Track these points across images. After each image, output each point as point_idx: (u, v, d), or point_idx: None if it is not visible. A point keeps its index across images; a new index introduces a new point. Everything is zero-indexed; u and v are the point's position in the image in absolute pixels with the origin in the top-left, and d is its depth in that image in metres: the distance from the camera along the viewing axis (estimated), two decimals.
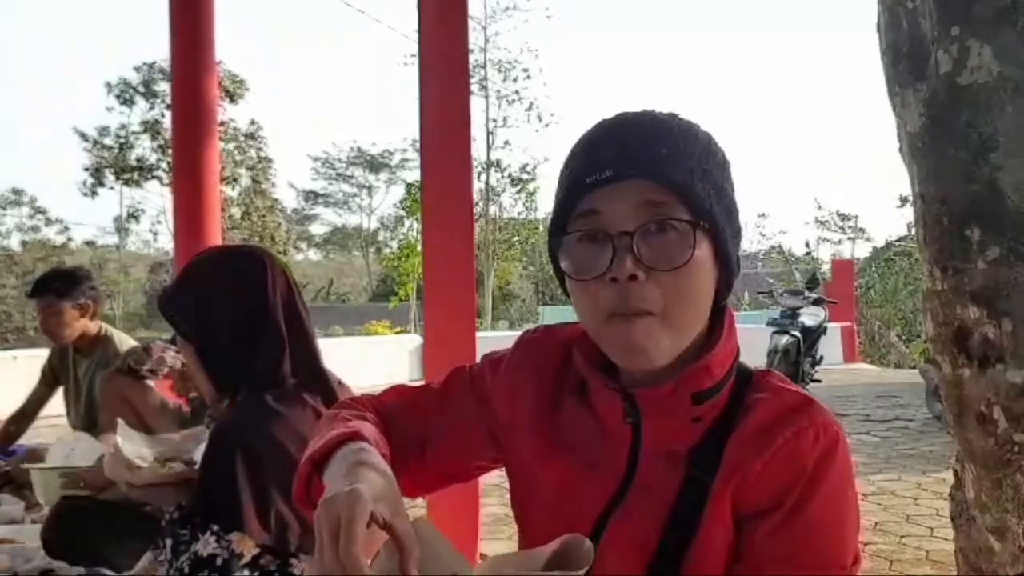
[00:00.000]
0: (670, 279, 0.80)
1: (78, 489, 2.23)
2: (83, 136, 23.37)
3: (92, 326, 3.11)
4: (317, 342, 1.52)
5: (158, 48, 23.17)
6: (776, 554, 0.81)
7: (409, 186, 21.96)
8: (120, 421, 1.71)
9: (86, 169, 23.22)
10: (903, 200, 24.63)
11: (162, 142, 21.30)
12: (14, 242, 27.01)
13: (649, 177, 0.80)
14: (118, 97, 22.86)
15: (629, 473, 0.87)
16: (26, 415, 3.31)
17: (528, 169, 25.63)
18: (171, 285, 1.52)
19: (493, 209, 24.71)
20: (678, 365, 0.85)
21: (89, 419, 3.05)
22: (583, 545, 0.71)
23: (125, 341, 3.15)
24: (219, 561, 1.25)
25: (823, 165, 70.08)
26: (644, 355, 0.83)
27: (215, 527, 1.27)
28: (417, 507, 3.35)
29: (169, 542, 1.33)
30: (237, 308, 1.42)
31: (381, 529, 0.74)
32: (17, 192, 28.47)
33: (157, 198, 24.94)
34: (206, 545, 1.26)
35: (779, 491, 0.81)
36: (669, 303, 0.81)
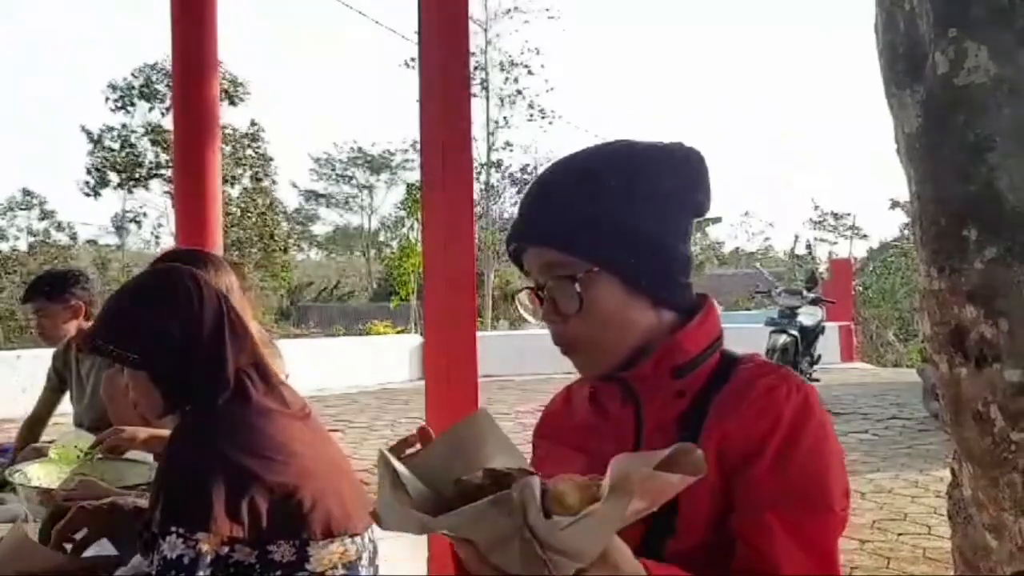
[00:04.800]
0: (579, 320, 0.97)
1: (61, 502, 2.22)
2: (88, 135, 23.37)
3: (88, 324, 3.12)
4: (257, 343, 1.58)
5: (159, 48, 23.17)
6: (766, 499, 0.89)
7: (409, 186, 21.94)
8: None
9: (88, 171, 23.21)
10: (894, 203, 24.66)
11: (164, 143, 21.29)
12: (21, 244, 27.04)
13: (539, 244, 0.99)
14: (120, 98, 22.84)
15: (635, 446, 0.98)
16: (38, 421, 3.33)
17: (528, 169, 25.62)
18: (102, 323, 1.57)
19: (493, 209, 24.68)
20: (657, 346, 0.99)
21: (93, 417, 3.06)
22: (695, 452, 0.74)
23: None
24: (186, 560, 1.28)
25: (822, 165, 70.05)
26: (589, 372, 1.03)
27: (180, 529, 1.30)
28: None
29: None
30: (170, 329, 1.47)
31: None
32: (28, 194, 28.50)
33: (160, 199, 24.92)
34: (173, 548, 1.29)
35: (758, 440, 0.91)
36: (586, 338, 0.99)
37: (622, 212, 0.96)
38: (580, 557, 0.68)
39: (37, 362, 3.47)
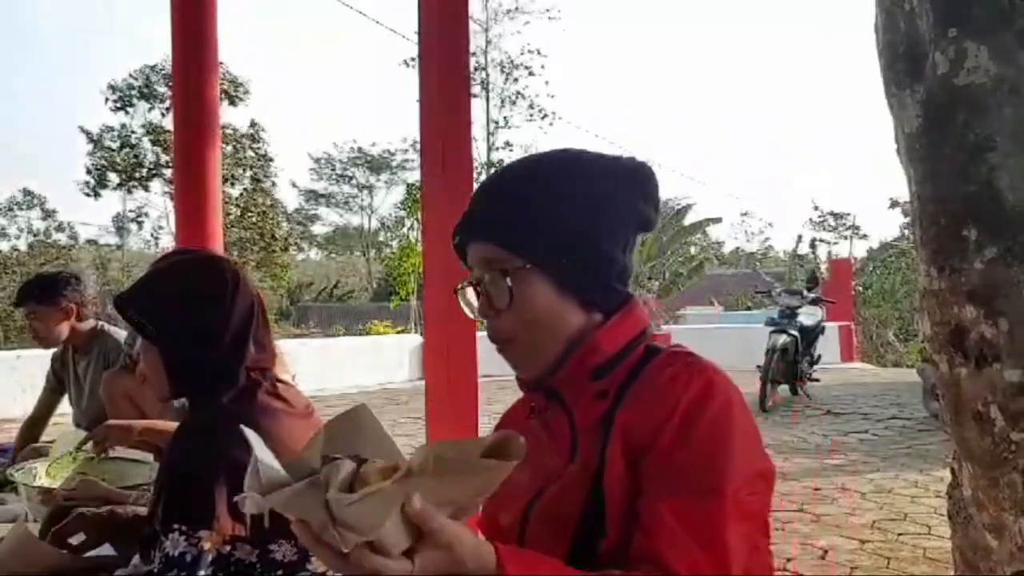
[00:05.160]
0: (511, 315, 1.00)
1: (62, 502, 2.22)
2: (88, 135, 23.36)
3: (84, 325, 3.13)
4: (272, 344, 1.58)
5: (160, 49, 23.16)
6: (661, 485, 0.90)
7: (409, 186, 21.91)
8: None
9: (89, 171, 23.20)
10: (893, 203, 24.66)
11: (164, 144, 21.28)
12: (21, 244, 27.01)
13: (478, 239, 1.03)
14: (120, 98, 22.83)
15: (572, 454, 1.00)
16: (37, 422, 3.33)
17: None
18: (134, 286, 1.55)
19: None
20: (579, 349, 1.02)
21: (92, 416, 3.06)
22: (517, 439, 0.79)
23: (121, 336, 3.17)
24: (188, 558, 1.29)
25: (822, 165, 70.02)
26: (523, 372, 1.05)
27: (183, 526, 1.30)
28: None
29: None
30: (195, 315, 1.47)
31: None
32: (28, 194, 28.48)
33: (160, 198, 24.92)
34: (175, 545, 1.30)
35: (655, 428, 0.91)
36: (517, 334, 1.01)
37: (559, 213, 0.99)
38: (363, 531, 0.72)
39: (37, 362, 3.48)
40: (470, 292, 1.06)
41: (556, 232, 0.99)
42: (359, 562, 0.73)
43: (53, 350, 3.33)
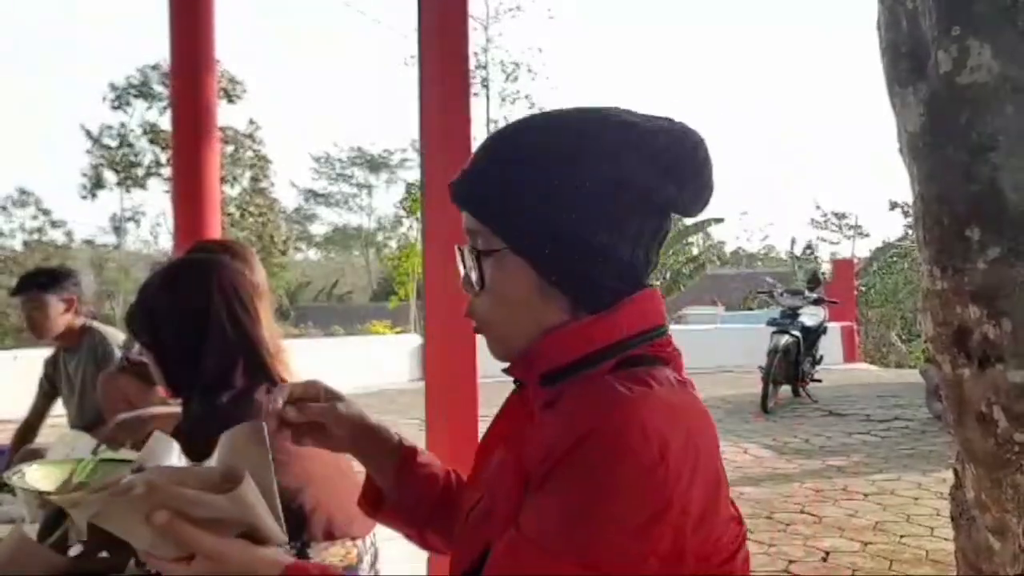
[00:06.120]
0: (486, 296, 0.87)
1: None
2: (88, 134, 23.40)
3: (76, 321, 3.16)
4: (266, 343, 1.59)
5: (159, 48, 23.16)
6: (516, 520, 0.76)
7: (409, 186, 21.94)
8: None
9: (85, 174, 23.24)
10: (893, 204, 24.69)
11: (162, 143, 21.30)
12: (17, 243, 27.02)
13: (464, 207, 0.88)
14: (117, 97, 22.85)
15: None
16: (30, 427, 3.33)
17: None
18: (135, 300, 1.63)
19: None
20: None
21: (89, 418, 3.06)
22: (238, 469, 0.81)
23: (111, 333, 3.18)
24: None
25: (822, 165, 70.09)
26: (493, 355, 0.91)
27: None
28: None
29: None
30: (180, 316, 1.52)
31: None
32: (24, 193, 28.48)
33: (158, 198, 24.96)
34: None
35: (541, 456, 0.76)
36: (491, 315, 0.88)
37: (552, 194, 0.82)
38: (120, 534, 0.78)
39: (34, 363, 3.47)
40: (458, 261, 0.92)
41: (543, 215, 0.82)
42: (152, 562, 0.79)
43: (45, 357, 3.34)
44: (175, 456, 1.53)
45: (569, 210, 0.82)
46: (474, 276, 0.87)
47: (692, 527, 0.73)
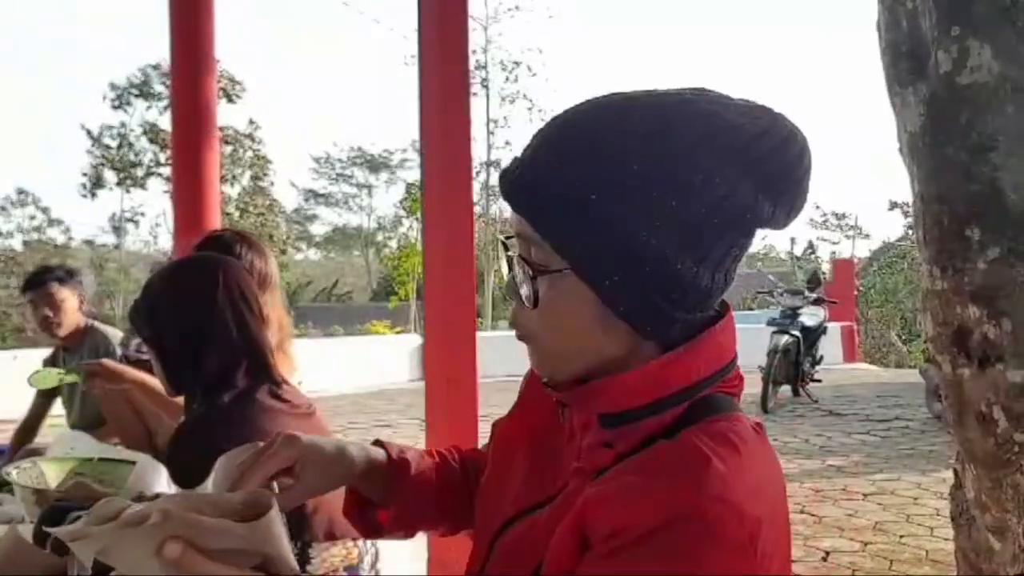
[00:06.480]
0: (537, 315, 0.75)
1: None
2: (88, 133, 23.41)
3: (79, 320, 3.18)
4: (270, 344, 1.59)
5: (159, 48, 23.18)
6: None
7: (409, 186, 21.97)
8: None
9: (85, 174, 23.24)
10: (893, 204, 24.70)
11: (161, 142, 21.30)
12: (16, 242, 27.03)
13: (519, 210, 0.74)
14: (117, 96, 22.86)
15: (564, 488, 0.78)
16: (30, 428, 3.34)
17: None
18: (139, 295, 1.64)
19: (493, 209, 24.68)
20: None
21: (89, 419, 3.06)
22: (267, 496, 0.75)
23: (112, 333, 3.19)
24: None
25: (822, 165, 69.99)
26: (538, 371, 0.81)
27: None
28: None
29: None
30: (183, 314, 1.52)
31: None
32: (22, 193, 28.48)
33: (158, 198, 24.97)
34: None
35: (599, 528, 0.68)
36: (539, 333, 0.76)
37: (633, 210, 0.69)
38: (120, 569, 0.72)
39: (34, 363, 3.47)
40: (503, 259, 0.80)
41: (619, 237, 0.69)
42: None
43: (44, 357, 3.35)
44: (163, 481, 1.53)
45: (651, 232, 0.69)
46: (525, 291, 0.74)
47: None
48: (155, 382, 1.98)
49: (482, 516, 0.88)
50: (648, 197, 0.69)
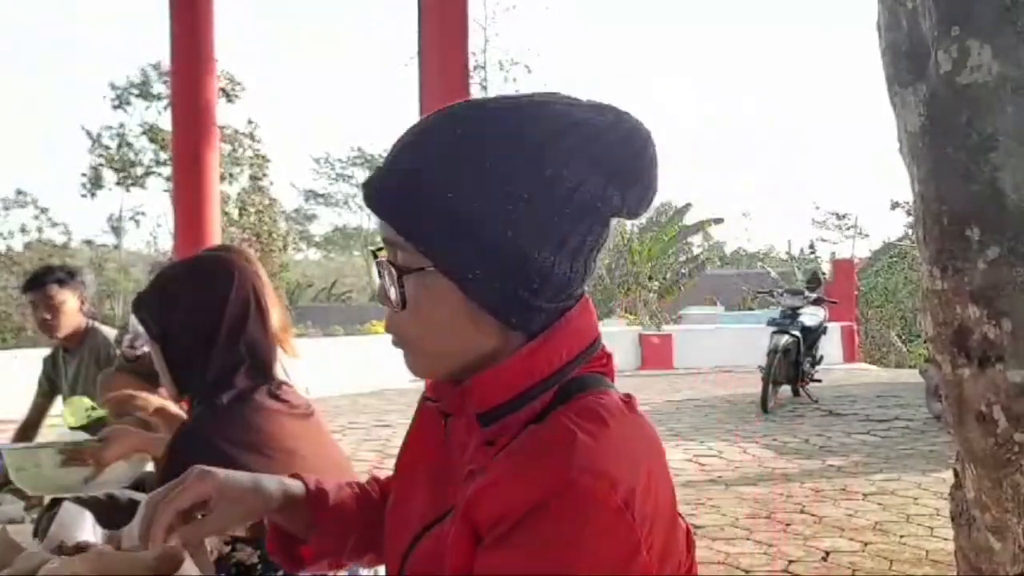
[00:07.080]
0: (406, 315, 0.77)
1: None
2: (88, 134, 23.39)
3: (80, 321, 3.18)
4: (273, 347, 1.58)
5: (159, 48, 23.18)
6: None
7: None
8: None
9: (85, 174, 23.24)
10: (894, 204, 24.70)
11: (161, 142, 21.31)
12: (16, 243, 27.02)
13: (381, 215, 0.77)
14: (117, 96, 22.86)
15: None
16: (30, 426, 3.34)
17: None
18: (145, 288, 1.61)
19: None
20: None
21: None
22: (179, 553, 0.76)
23: (111, 333, 3.19)
24: None
25: (823, 165, 70.13)
26: (416, 372, 0.83)
27: None
28: None
29: None
30: (197, 312, 1.49)
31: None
32: (21, 193, 28.45)
33: (157, 198, 24.98)
34: None
35: (485, 518, 0.70)
36: (411, 335, 0.79)
37: (486, 206, 0.72)
38: None
39: (34, 363, 3.47)
40: (374, 268, 0.81)
41: (476, 233, 0.72)
42: None
43: (44, 357, 3.35)
44: (88, 528, 1.51)
45: (506, 225, 0.72)
46: (393, 294, 0.77)
47: (658, 560, 0.71)
48: (175, 408, 1.96)
49: (391, 538, 0.88)
50: (502, 193, 0.72)
